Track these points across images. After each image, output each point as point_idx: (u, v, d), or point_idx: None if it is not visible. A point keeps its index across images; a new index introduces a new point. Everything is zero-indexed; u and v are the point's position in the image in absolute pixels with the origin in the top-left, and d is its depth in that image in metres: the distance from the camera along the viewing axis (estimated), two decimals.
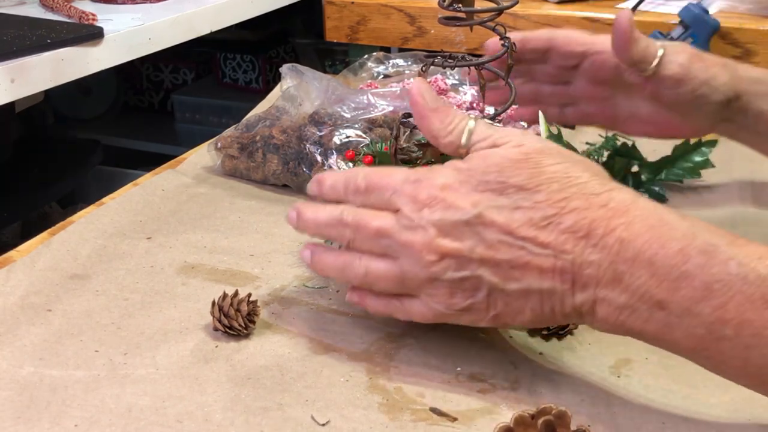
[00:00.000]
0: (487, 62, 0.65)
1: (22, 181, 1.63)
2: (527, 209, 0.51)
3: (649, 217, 0.50)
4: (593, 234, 0.50)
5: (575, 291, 0.51)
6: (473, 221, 0.52)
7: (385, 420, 0.54)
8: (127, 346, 0.61)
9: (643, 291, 0.49)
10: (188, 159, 0.93)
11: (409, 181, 0.55)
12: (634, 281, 0.49)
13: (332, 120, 0.84)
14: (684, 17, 1.13)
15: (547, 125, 0.66)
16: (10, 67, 1.06)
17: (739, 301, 0.47)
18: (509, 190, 0.52)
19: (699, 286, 0.48)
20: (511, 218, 0.51)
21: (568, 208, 0.51)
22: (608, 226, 0.50)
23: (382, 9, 1.34)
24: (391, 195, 0.55)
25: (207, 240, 0.76)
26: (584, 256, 0.50)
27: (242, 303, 0.61)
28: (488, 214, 0.52)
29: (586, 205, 0.51)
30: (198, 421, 0.53)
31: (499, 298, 0.53)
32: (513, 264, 0.52)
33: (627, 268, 0.49)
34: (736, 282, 0.47)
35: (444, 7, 0.64)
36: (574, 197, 0.51)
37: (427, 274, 0.54)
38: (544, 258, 0.51)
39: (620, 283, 0.50)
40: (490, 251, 0.52)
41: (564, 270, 0.51)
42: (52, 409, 0.54)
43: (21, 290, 0.67)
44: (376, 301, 0.58)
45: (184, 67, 2.29)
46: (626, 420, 0.54)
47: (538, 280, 0.52)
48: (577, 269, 0.51)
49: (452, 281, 0.53)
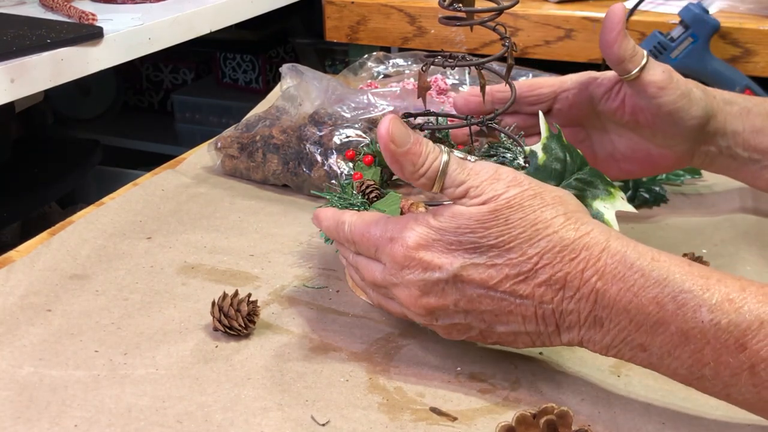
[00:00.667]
0: (487, 62, 0.65)
1: (22, 181, 1.63)
2: (502, 266, 0.53)
3: (620, 264, 0.51)
4: (569, 286, 0.52)
5: (561, 332, 0.54)
6: (452, 280, 0.54)
7: (385, 420, 0.53)
8: (127, 346, 0.60)
9: (624, 335, 0.51)
10: (188, 159, 0.93)
11: (386, 238, 0.56)
12: (614, 326, 0.51)
13: (332, 120, 0.84)
14: (684, 17, 1.13)
15: (547, 125, 0.66)
16: (10, 67, 1.06)
17: (714, 347, 0.48)
18: (482, 249, 0.53)
19: (675, 332, 0.49)
20: (488, 275, 0.53)
21: (541, 263, 0.52)
22: (582, 278, 0.51)
23: (382, 9, 1.34)
24: (375, 251, 0.57)
25: (207, 240, 0.76)
26: (563, 305, 0.52)
27: (242, 303, 0.61)
28: (465, 273, 0.53)
29: (558, 260, 0.52)
30: (198, 421, 0.53)
31: (491, 336, 0.56)
32: (497, 313, 0.54)
33: (606, 315, 0.51)
34: (709, 329, 0.48)
35: (444, 6, 0.64)
36: (546, 252, 0.52)
37: (421, 320, 0.57)
38: (525, 307, 0.53)
39: (601, 328, 0.52)
40: (473, 304, 0.54)
41: (546, 315, 0.53)
42: (52, 409, 0.54)
43: (21, 290, 0.67)
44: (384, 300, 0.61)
45: (184, 67, 2.29)
46: (626, 420, 0.54)
47: (524, 324, 0.54)
48: (559, 316, 0.53)
49: (444, 325, 0.57)
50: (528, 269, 0.52)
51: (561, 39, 1.24)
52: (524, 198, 0.53)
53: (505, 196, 0.53)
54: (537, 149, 0.66)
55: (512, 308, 0.53)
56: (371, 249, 0.57)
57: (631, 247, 0.52)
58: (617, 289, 0.50)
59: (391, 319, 0.64)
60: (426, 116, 0.70)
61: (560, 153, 0.65)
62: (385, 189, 0.67)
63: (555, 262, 0.52)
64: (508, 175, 0.54)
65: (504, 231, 0.52)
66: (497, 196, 0.53)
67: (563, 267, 0.52)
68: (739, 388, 0.49)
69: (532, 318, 0.53)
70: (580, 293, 0.51)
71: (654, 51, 1.13)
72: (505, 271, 0.53)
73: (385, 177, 0.71)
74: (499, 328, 0.55)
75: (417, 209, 0.61)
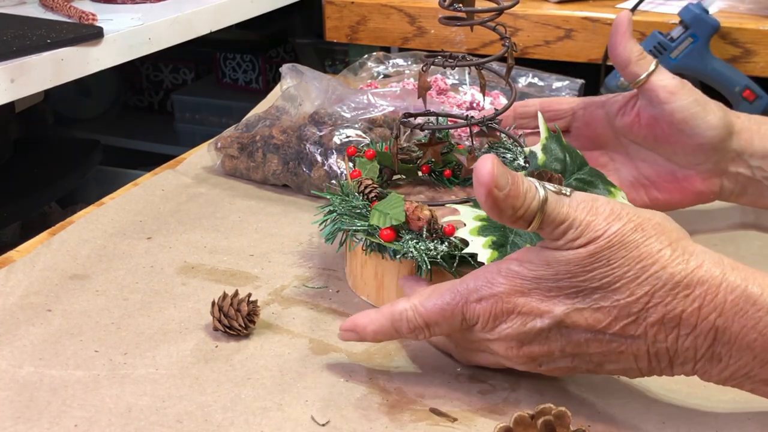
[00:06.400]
0: (487, 62, 0.65)
1: (22, 181, 1.63)
2: (609, 308, 0.49)
3: (741, 300, 0.48)
4: (685, 324, 0.49)
5: (674, 367, 0.51)
6: (555, 327, 0.51)
7: (385, 420, 0.53)
8: (127, 346, 0.61)
9: (746, 371, 0.49)
10: (188, 159, 0.93)
11: (470, 301, 0.52)
12: (735, 362, 0.49)
13: (332, 120, 0.84)
14: (684, 17, 1.13)
15: (547, 126, 0.66)
16: (10, 67, 1.06)
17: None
18: (585, 292, 0.49)
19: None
20: (594, 319, 0.50)
21: (652, 302, 0.49)
22: (699, 315, 0.48)
23: (382, 9, 1.34)
24: (461, 320, 0.53)
25: (207, 240, 0.76)
26: (678, 343, 0.49)
27: (242, 303, 0.61)
28: (569, 319, 0.50)
29: (670, 297, 0.48)
30: (198, 421, 0.53)
31: (600, 372, 0.53)
32: (606, 354, 0.51)
33: (726, 351, 0.49)
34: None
35: (444, 6, 0.64)
36: (656, 290, 0.48)
37: (522, 367, 0.54)
38: (637, 346, 0.50)
39: (719, 362, 0.49)
40: (580, 348, 0.51)
41: (659, 353, 0.50)
42: (52, 409, 0.54)
43: (21, 290, 0.67)
44: None
45: (184, 67, 2.29)
46: (626, 420, 0.54)
47: (635, 362, 0.51)
48: (674, 353, 0.50)
49: (548, 369, 0.54)
50: (638, 309, 0.49)
51: (561, 39, 1.24)
52: (625, 233, 0.49)
53: (606, 236, 0.48)
54: (537, 150, 0.66)
55: (623, 349, 0.50)
56: (455, 320, 0.53)
57: (750, 279, 0.48)
58: (740, 327, 0.48)
59: None
60: (426, 116, 0.70)
61: (560, 153, 0.65)
62: (385, 189, 0.67)
63: (668, 301, 0.48)
64: (605, 208, 0.49)
65: (608, 272, 0.49)
66: (597, 237, 0.48)
67: (677, 305, 0.48)
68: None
69: (644, 356, 0.50)
70: (698, 331, 0.48)
71: (654, 51, 1.13)
72: (613, 314, 0.49)
73: (385, 177, 0.71)
74: (608, 367, 0.52)
75: (422, 212, 0.61)
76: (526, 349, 0.52)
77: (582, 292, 0.50)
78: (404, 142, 0.72)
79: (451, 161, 0.72)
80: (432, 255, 0.60)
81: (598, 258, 0.49)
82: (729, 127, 0.69)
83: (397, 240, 0.61)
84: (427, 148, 0.69)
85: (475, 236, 0.59)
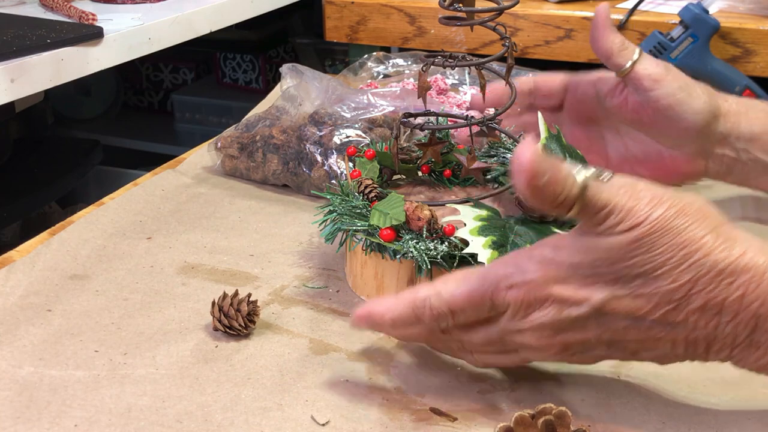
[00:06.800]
0: (487, 62, 0.65)
1: (22, 181, 1.63)
2: (651, 295, 0.48)
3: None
4: (727, 311, 0.48)
5: (710, 353, 0.50)
6: (593, 315, 0.49)
7: (385, 420, 0.53)
8: (127, 346, 0.61)
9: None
10: (188, 159, 0.93)
11: (500, 288, 0.51)
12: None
13: (332, 120, 0.84)
14: (684, 17, 1.12)
15: (546, 126, 0.66)
16: (10, 67, 1.06)
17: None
18: (625, 279, 0.48)
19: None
20: (636, 305, 0.49)
21: (695, 290, 0.48)
22: (742, 303, 0.48)
23: (382, 9, 1.33)
24: (489, 308, 0.51)
25: (207, 240, 0.76)
26: (718, 330, 0.49)
27: (242, 303, 0.61)
28: (608, 306, 0.49)
29: (714, 285, 0.48)
30: (198, 421, 0.53)
31: (633, 360, 0.53)
32: (643, 341, 0.50)
33: (765, 339, 0.48)
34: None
35: (444, 6, 0.64)
36: (700, 277, 0.48)
37: (553, 358, 0.53)
38: (676, 333, 0.49)
39: (758, 350, 0.49)
40: (618, 335, 0.50)
41: (698, 340, 0.49)
42: (52, 409, 0.54)
43: (21, 290, 0.67)
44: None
45: (184, 67, 2.29)
46: (626, 420, 0.54)
47: (672, 348, 0.50)
48: (712, 339, 0.49)
49: (580, 359, 0.52)
50: (680, 296, 0.48)
51: (561, 39, 1.24)
52: (668, 219, 0.47)
53: (648, 222, 0.47)
54: None
55: (662, 335, 0.49)
56: (482, 308, 0.51)
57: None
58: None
59: None
60: (426, 116, 0.70)
61: (560, 153, 0.65)
62: (385, 189, 0.67)
63: (710, 288, 0.47)
64: (646, 193, 0.48)
65: (649, 259, 0.47)
66: (639, 223, 0.47)
67: (720, 293, 0.47)
68: None
69: (681, 343, 0.50)
70: (739, 318, 0.48)
71: (654, 51, 1.13)
72: (654, 300, 0.48)
73: (385, 177, 0.71)
74: (643, 354, 0.51)
75: (422, 212, 0.61)
76: (561, 338, 0.51)
77: (622, 279, 0.48)
78: (404, 142, 0.72)
79: (451, 161, 0.72)
80: (432, 255, 0.60)
81: (641, 245, 0.47)
82: (715, 110, 0.70)
83: (397, 240, 0.61)
84: (427, 148, 0.69)
85: (475, 236, 0.59)
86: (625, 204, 0.48)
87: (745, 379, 0.52)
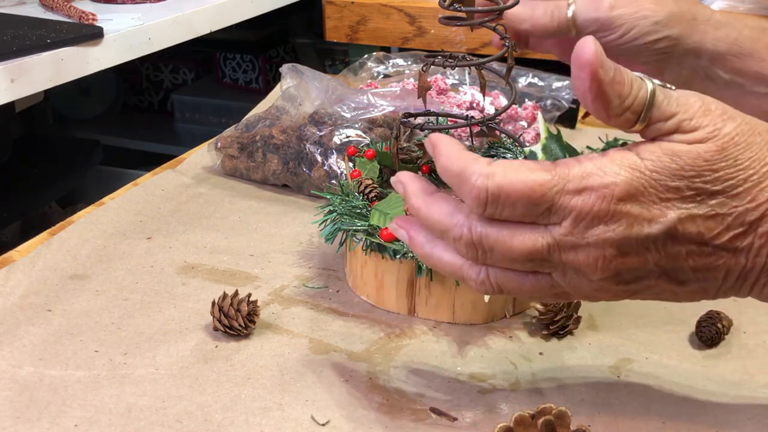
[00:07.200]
0: (487, 62, 0.65)
1: (22, 181, 1.63)
2: (724, 216, 0.44)
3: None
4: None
5: (754, 288, 0.47)
6: (663, 235, 0.44)
7: (385, 420, 0.53)
8: (127, 346, 0.61)
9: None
10: (188, 159, 0.93)
11: (568, 190, 0.44)
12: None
13: (332, 120, 0.84)
14: None
15: (546, 125, 0.66)
16: (10, 67, 1.06)
17: None
18: (703, 196, 0.44)
19: None
20: (706, 227, 0.44)
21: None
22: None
23: (382, 9, 1.34)
24: (545, 209, 0.44)
25: (207, 240, 0.76)
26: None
27: (242, 303, 0.61)
28: (681, 226, 0.44)
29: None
30: (198, 421, 0.53)
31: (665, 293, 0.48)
32: (698, 269, 0.46)
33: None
34: None
35: (444, 7, 0.64)
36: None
37: (590, 287, 0.46)
38: (736, 260, 0.45)
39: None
40: (676, 261, 0.45)
41: (752, 270, 0.45)
42: (52, 409, 0.54)
43: (21, 290, 0.67)
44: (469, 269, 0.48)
45: (184, 67, 2.29)
46: (626, 420, 0.54)
47: (723, 281, 0.46)
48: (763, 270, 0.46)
49: (619, 291, 0.47)
50: (754, 219, 0.44)
51: None
52: (745, 133, 0.44)
53: (727, 131, 0.43)
54: (536, 150, 0.66)
55: (720, 263, 0.45)
56: (537, 208, 0.44)
57: None
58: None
59: (391, 319, 0.64)
60: (426, 116, 0.70)
61: (559, 153, 0.65)
62: (385, 189, 0.67)
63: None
64: (717, 106, 0.44)
65: (733, 173, 0.43)
66: (718, 131, 0.43)
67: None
68: None
69: (735, 272, 0.46)
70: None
71: None
72: (727, 222, 0.44)
73: (384, 177, 0.71)
74: (690, 286, 0.46)
75: None
76: (619, 261, 0.45)
77: (700, 196, 0.44)
78: (404, 142, 0.72)
79: None
80: None
81: (726, 156, 0.43)
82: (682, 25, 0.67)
83: (397, 240, 0.61)
84: None
85: None
86: (696, 112, 0.44)
87: (745, 379, 0.52)
